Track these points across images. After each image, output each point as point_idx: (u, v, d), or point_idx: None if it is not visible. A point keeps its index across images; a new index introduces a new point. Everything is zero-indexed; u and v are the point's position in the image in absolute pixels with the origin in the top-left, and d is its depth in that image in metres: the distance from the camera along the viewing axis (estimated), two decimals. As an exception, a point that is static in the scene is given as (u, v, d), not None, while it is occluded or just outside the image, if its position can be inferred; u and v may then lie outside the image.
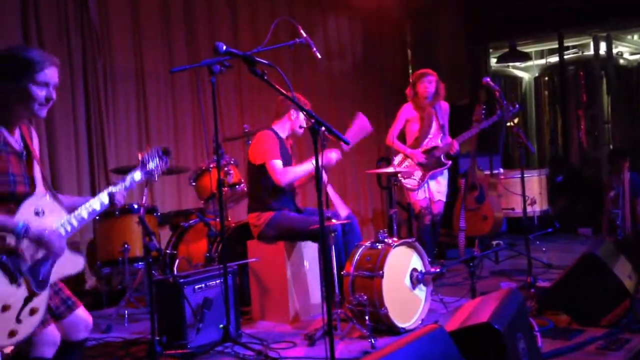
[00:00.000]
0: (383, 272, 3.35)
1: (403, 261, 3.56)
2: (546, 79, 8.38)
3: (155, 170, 2.49)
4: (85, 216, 2.25)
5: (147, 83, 5.37)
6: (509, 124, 4.61)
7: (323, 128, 2.52)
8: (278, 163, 3.78)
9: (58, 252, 2.14)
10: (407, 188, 4.82)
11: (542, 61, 8.87)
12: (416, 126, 4.84)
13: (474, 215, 5.16)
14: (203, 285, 3.39)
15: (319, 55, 3.59)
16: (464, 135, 4.69)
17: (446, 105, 4.86)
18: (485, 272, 4.92)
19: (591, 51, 7.97)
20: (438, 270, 3.69)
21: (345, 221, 3.71)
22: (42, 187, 2.28)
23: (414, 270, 3.59)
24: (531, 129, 8.59)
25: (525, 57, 8.39)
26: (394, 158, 4.85)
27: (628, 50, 8.43)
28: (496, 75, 8.38)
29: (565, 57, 7.94)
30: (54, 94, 2.23)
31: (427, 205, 4.77)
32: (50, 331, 2.17)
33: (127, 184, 2.39)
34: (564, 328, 3.33)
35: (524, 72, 8.97)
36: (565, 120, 7.98)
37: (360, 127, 3.71)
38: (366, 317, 3.33)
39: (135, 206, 4.38)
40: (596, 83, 7.78)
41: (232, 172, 4.44)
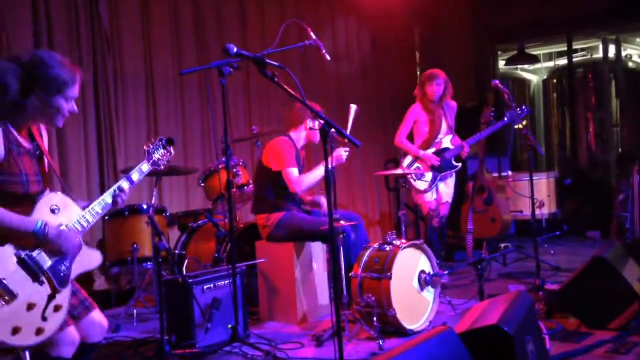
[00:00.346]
0: (391, 274, 3.36)
1: (411, 263, 3.56)
2: (554, 81, 8.36)
3: (161, 160, 2.51)
4: (99, 210, 2.29)
5: (156, 84, 5.40)
6: (518, 126, 4.57)
7: (333, 130, 2.53)
8: (295, 171, 3.80)
9: (76, 249, 2.18)
10: (417, 190, 4.78)
11: (551, 63, 8.85)
12: (425, 127, 4.80)
13: (482, 218, 5.16)
14: (212, 286, 3.40)
15: (328, 57, 3.60)
16: (474, 137, 4.67)
17: (454, 104, 4.83)
18: (493, 275, 4.91)
19: (600, 54, 7.95)
20: (446, 272, 3.69)
21: (353, 222, 3.72)
22: (53, 183, 2.30)
23: (422, 272, 3.59)
24: (539, 131, 8.56)
25: (534, 59, 8.37)
26: (402, 159, 4.82)
27: (637, 52, 8.40)
28: (504, 77, 8.37)
29: (573, 59, 7.92)
30: (75, 106, 2.24)
31: (435, 208, 4.75)
32: (70, 331, 2.19)
33: (134, 177, 2.40)
34: (573, 331, 3.32)
35: (532, 75, 8.95)
36: (574, 123, 7.95)
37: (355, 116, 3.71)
38: (374, 319, 3.33)
39: (145, 206, 4.40)
40: (605, 86, 7.75)
41: (240, 173, 4.47)
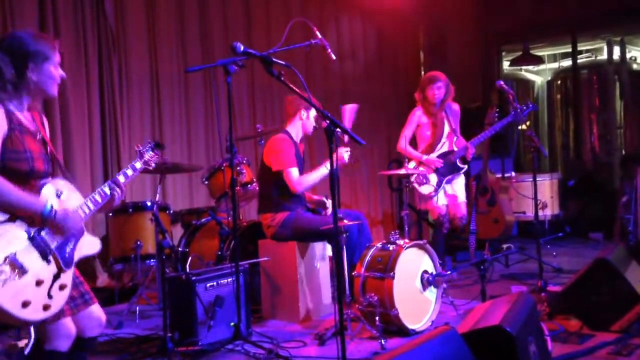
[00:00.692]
0: (394, 273, 3.37)
1: (414, 263, 3.57)
2: (559, 82, 8.35)
3: (151, 161, 2.60)
4: (99, 199, 2.36)
5: (161, 82, 5.42)
6: (522, 127, 4.56)
7: (338, 129, 2.53)
8: (295, 172, 3.81)
9: (79, 233, 2.25)
10: (422, 195, 4.68)
11: (555, 65, 8.84)
12: (427, 132, 4.71)
13: (485, 218, 5.16)
14: (215, 283, 3.42)
15: (333, 57, 3.61)
16: (478, 137, 4.59)
17: (457, 107, 4.76)
18: (496, 276, 4.91)
19: (605, 55, 7.94)
20: (449, 273, 3.69)
21: (357, 222, 3.73)
22: (56, 170, 2.37)
23: (425, 272, 3.60)
24: (543, 132, 8.56)
25: (538, 60, 8.36)
26: (407, 164, 4.72)
27: (642, 54, 8.39)
28: (508, 78, 8.37)
29: (578, 61, 7.91)
30: (62, 72, 2.33)
31: (445, 213, 4.65)
32: (66, 323, 2.21)
33: (129, 173, 2.48)
34: (575, 332, 3.32)
35: (537, 76, 8.94)
36: (578, 125, 7.94)
37: (351, 115, 3.68)
38: (377, 318, 3.34)
39: (149, 203, 4.42)
40: (609, 87, 7.74)
41: (244, 171, 4.47)
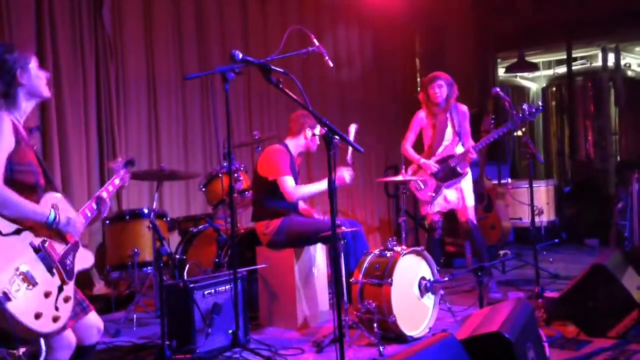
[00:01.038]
0: (392, 280, 3.37)
1: (412, 269, 3.58)
2: (554, 89, 8.40)
3: (125, 177, 2.67)
4: (89, 214, 2.42)
5: (158, 89, 5.43)
6: (518, 133, 4.55)
7: (337, 137, 2.54)
8: (290, 180, 3.80)
9: (79, 237, 2.32)
10: (419, 199, 4.61)
11: (550, 72, 8.90)
12: (429, 133, 4.58)
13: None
14: (213, 291, 3.41)
15: (331, 64, 3.62)
16: (481, 142, 4.41)
17: (464, 108, 4.58)
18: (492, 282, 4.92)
19: (599, 62, 8.00)
20: (446, 279, 3.69)
21: (354, 229, 3.73)
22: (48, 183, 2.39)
23: (423, 278, 3.60)
24: (538, 139, 8.60)
25: (534, 67, 8.42)
26: (407, 168, 4.53)
27: (636, 61, 8.46)
28: (504, 85, 8.41)
29: (573, 67, 7.96)
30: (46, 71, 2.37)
31: (438, 219, 4.57)
32: (67, 334, 2.21)
33: (110, 189, 2.55)
34: (572, 339, 3.33)
35: (532, 83, 9.00)
36: (573, 131, 7.99)
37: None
38: (374, 325, 3.34)
39: (145, 211, 4.41)
40: (604, 94, 7.79)
41: (241, 178, 4.48)
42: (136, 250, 4.18)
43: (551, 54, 8.56)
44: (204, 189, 4.59)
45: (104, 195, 2.48)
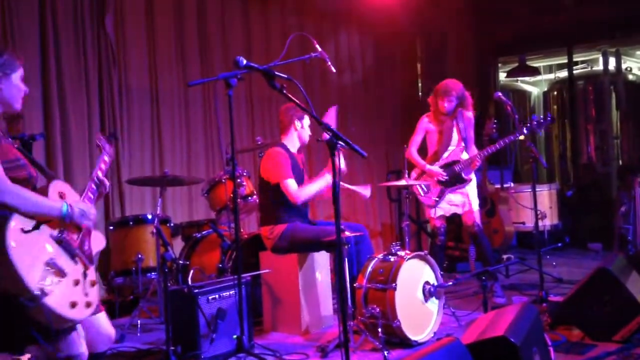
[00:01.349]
0: (396, 285, 3.37)
1: (415, 274, 3.58)
2: (555, 93, 8.42)
3: (111, 151, 2.70)
4: (92, 196, 2.45)
5: (161, 96, 5.44)
6: (521, 137, 4.53)
7: (341, 142, 2.55)
8: (292, 183, 3.80)
9: (94, 224, 2.36)
10: (422, 203, 4.61)
11: (551, 76, 8.91)
12: (435, 139, 4.60)
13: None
14: (217, 296, 3.42)
15: (333, 70, 3.64)
16: (487, 149, 4.43)
17: (470, 115, 4.59)
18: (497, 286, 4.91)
19: (600, 66, 8.01)
20: (450, 283, 3.69)
21: (358, 233, 3.74)
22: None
23: (427, 283, 3.61)
24: (540, 143, 8.61)
25: (535, 71, 8.43)
26: (411, 172, 4.57)
27: (637, 65, 8.47)
28: (505, 89, 8.43)
29: (574, 72, 7.97)
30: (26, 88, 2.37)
31: (440, 225, 4.57)
32: (82, 344, 2.22)
33: (103, 167, 2.55)
34: (577, 343, 3.33)
35: (533, 87, 9.01)
36: (574, 135, 8.00)
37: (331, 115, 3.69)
38: (379, 330, 3.34)
39: (149, 216, 4.42)
40: (605, 98, 7.81)
41: (244, 183, 4.49)
42: (140, 256, 4.19)
43: (552, 58, 8.57)
44: (206, 195, 4.59)
45: (100, 174, 2.50)
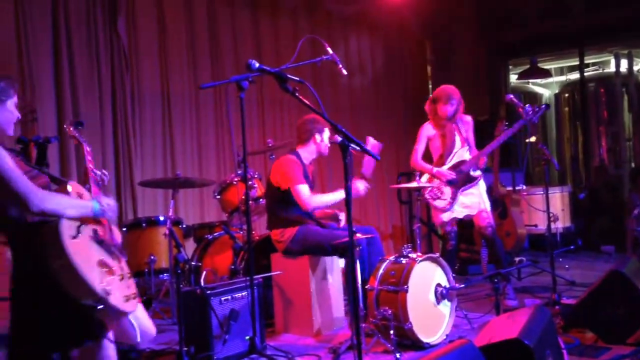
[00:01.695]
0: (408, 287, 3.37)
1: (427, 276, 3.57)
2: (566, 95, 8.37)
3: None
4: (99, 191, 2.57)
5: (172, 100, 5.49)
6: (532, 139, 4.51)
7: (352, 145, 2.55)
8: (304, 188, 3.80)
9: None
10: (436, 208, 4.56)
11: (562, 78, 8.87)
12: (438, 143, 4.62)
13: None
14: (229, 297, 3.43)
15: (344, 72, 3.64)
16: (490, 145, 4.44)
17: (469, 119, 4.64)
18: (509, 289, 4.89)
19: (612, 68, 7.97)
20: (462, 285, 3.67)
21: (369, 236, 3.74)
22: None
23: (438, 285, 3.60)
24: (552, 145, 8.57)
25: (546, 73, 8.40)
26: (419, 179, 4.51)
27: (649, 67, 8.41)
28: (516, 91, 8.39)
29: (585, 74, 7.93)
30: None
31: (451, 229, 4.54)
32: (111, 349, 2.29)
33: (90, 158, 2.70)
34: (591, 346, 3.31)
35: (544, 89, 8.97)
36: (586, 138, 7.95)
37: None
38: (391, 332, 3.34)
39: (161, 218, 4.45)
40: (617, 100, 7.76)
41: (256, 185, 4.51)
42: (153, 258, 4.22)
43: (563, 60, 8.53)
44: (218, 197, 4.62)
45: (91, 166, 2.62)
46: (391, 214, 7.26)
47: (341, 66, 3.61)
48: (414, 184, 4.06)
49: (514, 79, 8.65)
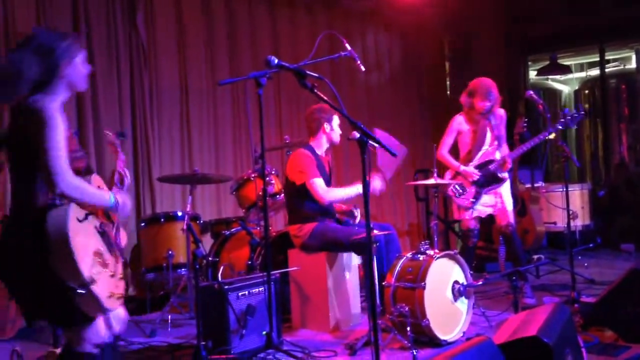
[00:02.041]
0: (425, 284, 3.36)
1: (445, 273, 3.56)
2: (586, 92, 8.26)
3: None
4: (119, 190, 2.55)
5: (190, 96, 5.53)
6: (552, 136, 4.44)
7: (371, 141, 2.55)
8: (320, 182, 3.81)
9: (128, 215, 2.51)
10: (459, 206, 4.49)
11: (583, 74, 8.75)
12: (468, 139, 4.48)
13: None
14: (247, 292, 3.45)
15: (363, 68, 3.64)
16: (519, 149, 4.35)
17: (502, 113, 4.48)
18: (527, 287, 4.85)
19: (633, 64, 7.85)
20: (480, 283, 3.65)
21: (387, 232, 3.73)
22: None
23: (456, 282, 3.58)
24: (571, 142, 8.47)
25: (566, 70, 8.29)
26: (445, 173, 4.49)
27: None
28: (535, 88, 8.30)
29: (606, 70, 7.82)
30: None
31: (474, 227, 4.47)
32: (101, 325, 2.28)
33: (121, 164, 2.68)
34: (610, 344, 3.27)
35: (564, 85, 8.86)
36: (607, 135, 7.84)
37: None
38: (408, 328, 3.33)
39: (179, 213, 4.49)
40: (638, 97, 7.64)
41: (273, 181, 4.52)
42: (171, 252, 4.26)
43: (584, 56, 8.42)
44: (235, 193, 4.64)
45: (122, 172, 2.62)
46: (408, 211, 7.24)
47: (359, 62, 3.61)
48: (431, 181, 4.03)
49: (533, 75, 8.55)
